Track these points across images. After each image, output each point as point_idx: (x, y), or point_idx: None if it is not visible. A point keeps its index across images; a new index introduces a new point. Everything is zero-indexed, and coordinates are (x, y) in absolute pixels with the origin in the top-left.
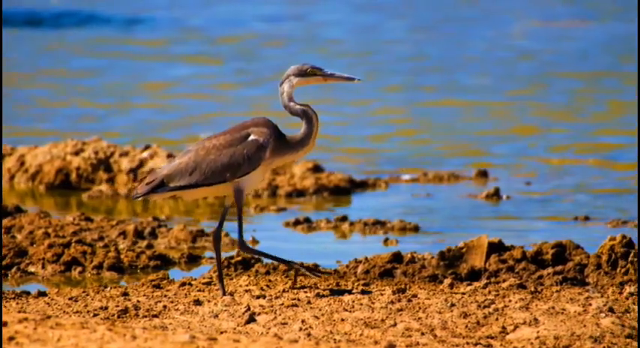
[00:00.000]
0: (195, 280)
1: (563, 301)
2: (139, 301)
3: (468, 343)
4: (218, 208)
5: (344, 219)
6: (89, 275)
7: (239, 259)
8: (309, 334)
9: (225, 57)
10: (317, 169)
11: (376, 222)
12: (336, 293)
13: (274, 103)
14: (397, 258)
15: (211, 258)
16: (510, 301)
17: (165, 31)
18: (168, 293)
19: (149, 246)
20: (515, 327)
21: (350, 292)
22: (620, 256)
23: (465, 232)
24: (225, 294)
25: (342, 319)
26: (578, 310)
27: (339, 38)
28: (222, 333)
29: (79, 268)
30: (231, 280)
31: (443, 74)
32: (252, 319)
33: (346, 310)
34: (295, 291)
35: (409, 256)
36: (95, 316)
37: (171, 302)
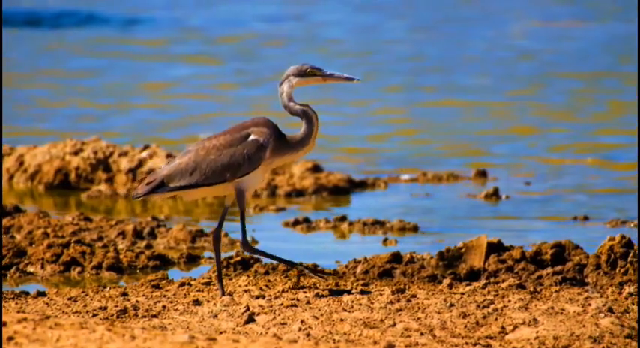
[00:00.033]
0: (194, 280)
1: (562, 301)
2: (138, 301)
3: (467, 343)
4: (217, 208)
5: (343, 219)
6: (88, 275)
7: (238, 259)
8: (309, 334)
9: (225, 57)
10: (316, 169)
11: (375, 222)
12: (336, 293)
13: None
14: (396, 258)
15: (210, 258)
16: (509, 301)
17: (164, 31)
18: (168, 293)
19: (148, 246)
20: (515, 327)
21: (349, 292)
22: (619, 256)
23: (464, 232)
24: (224, 294)
25: (342, 319)
26: (578, 310)
27: (338, 38)
28: (221, 333)
29: (79, 268)
30: (231, 280)
31: (442, 74)
32: (251, 319)
33: (345, 310)
34: (294, 291)
35: (408, 256)
36: (94, 316)
37: (171, 302)
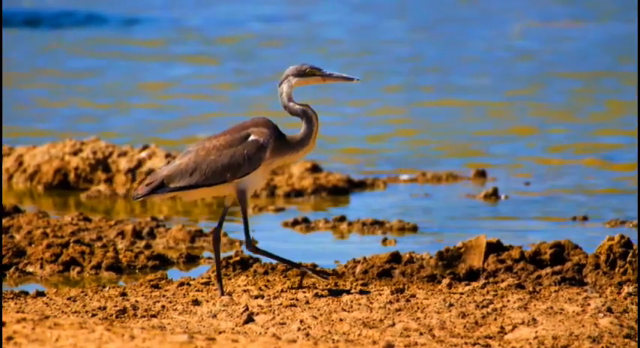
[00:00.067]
0: (193, 280)
1: (561, 301)
2: (137, 301)
3: (466, 343)
4: (216, 209)
5: (342, 219)
6: (87, 275)
7: (237, 259)
8: (308, 334)
9: (224, 57)
10: (315, 169)
11: (374, 222)
12: (335, 293)
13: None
14: (395, 258)
15: (209, 258)
16: (509, 301)
17: (163, 31)
18: (167, 293)
19: (147, 246)
20: (514, 327)
21: (348, 292)
22: (618, 256)
23: (464, 232)
24: (223, 294)
25: (341, 319)
26: (577, 310)
27: (337, 38)
28: (220, 333)
29: (78, 268)
30: (230, 280)
31: (442, 74)
32: (250, 319)
33: (345, 310)
34: (293, 291)
35: (407, 256)
36: (93, 316)
37: (170, 302)
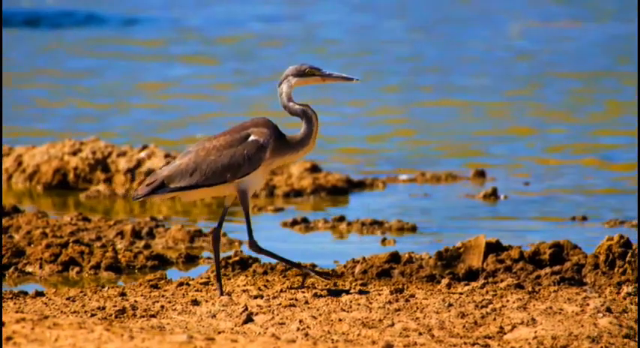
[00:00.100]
0: (192, 280)
1: (560, 301)
2: (136, 301)
3: (465, 343)
4: (216, 209)
5: (341, 219)
6: (87, 275)
7: (237, 259)
8: (307, 334)
9: (223, 57)
10: (314, 169)
11: (374, 222)
12: (334, 293)
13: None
14: (395, 258)
15: (209, 258)
16: (508, 301)
17: (163, 32)
18: (166, 293)
19: (147, 246)
20: (513, 327)
21: (347, 292)
22: (617, 256)
23: (463, 232)
24: (222, 294)
25: (340, 319)
26: (576, 310)
27: (336, 38)
28: (219, 333)
29: (77, 268)
30: (229, 280)
31: (441, 74)
32: (249, 319)
33: (344, 310)
34: (293, 291)
35: (407, 256)
36: (93, 316)
37: (169, 302)
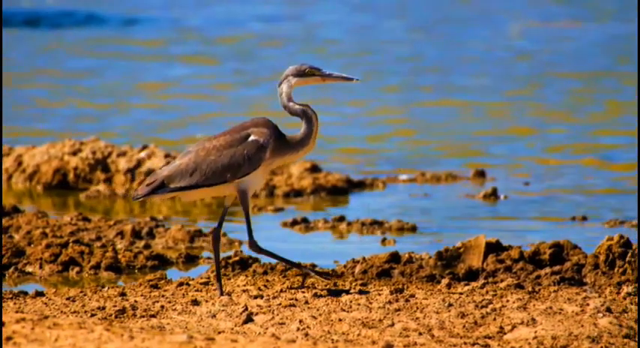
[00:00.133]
0: (192, 280)
1: (560, 301)
2: (136, 301)
3: (465, 343)
4: (216, 209)
5: (341, 219)
6: (87, 275)
7: (237, 259)
8: (307, 334)
9: (223, 57)
10: (314, 169)
11: (374, 222)
12: (334, 293)
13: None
14: (395, 258)
15: (209, 258)
16: (508, 301)
17: (163, 32)
18: (166, 293)
19: (147, 246)
20: (513, 327)
21: (347, 292)
22: (617, 256)
23: (463, 232)
24: (222, 294)
25: (340, 319)
26: (576, 310)
27: (336, 38)
28: (219, 333)
29: (77, 268)
30: (229, 280)
31: (441, 74)
32: (249, 319)
33: (344, 310)
34: (293, 291)
35: (407, 256)
36: (93, 316)
37: (169, 302)
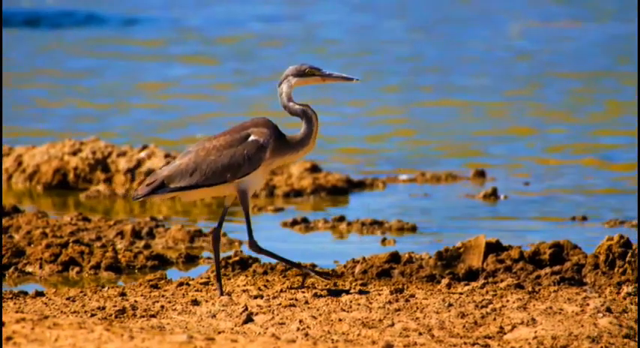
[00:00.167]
0: (192, 280)
1: (560, 301)
2: (136, 301)
3: (465, 343)
4: (216, 209)
5: (341, 219)
6: (87, 275)
7: (236, 259)
8: (307, 334)
9: (223, 57)
10: (314, 169)
11: (374, 222)
12: (334, 293)
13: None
14: (395, 258)
15: (209, 258)
16: (508, 301)
17: (162, 32)
18: (166, 293)
19: (147, 246)
20: (513, 327)
21: (347, 292)
22: (617, 256)
23: (463, 232)
24: (222, 294)
25: (340, 319)
26: (576, 310)
27: (336, 38)
28: (219, 333)
29: (77, 268)
30: (229, 280)
31: (441, 74)
32: (249, 319)
33: (344, 310)
34: (293, 291)
35: (407, 256)
36: (93, 316)
37: (169, 302)
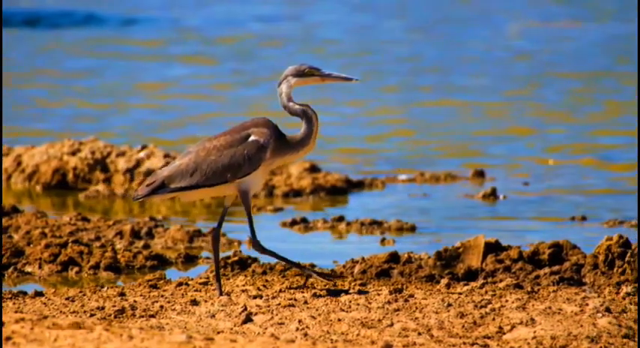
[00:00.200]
0: (192, 280)
1: (559, 301)
2: (135, 301)
3: (464, 343)
4: (215, 209)
5: (341, 219)
6: (86, 275)
7: (236, 259)
8: (306, 334)
9: (222, 57)
10: (314, 169)
11: (373, 222)
12: (333, 293)
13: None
14: (394, 258)
15: (208, 258)
16: (507, 301)
17: (162, 32)
18: (165, 293)
19: (146, 246)
20: (512, 327)
21: (347, 292)
22: (616, 256)
23: (462, 232)
24: (222, 294)
25: (339, 319)
26: (575, 310)
27: (336, 38)
28: (219, 333)
29: (76, 268)
30: (228, 280)
31: (440, 74)
32: (248, 319)
33: (343, 310)
34: (292, 291)
35: (406, 256)
36: (92, 316)
37: (168, 302)
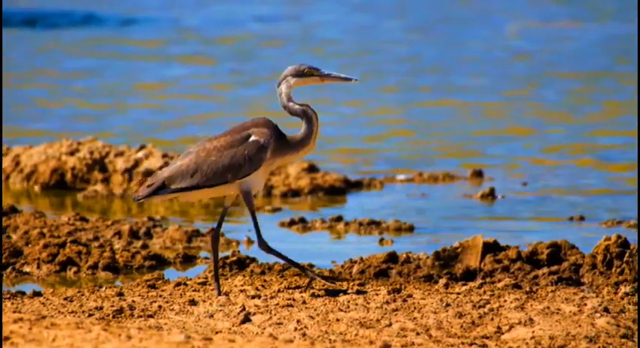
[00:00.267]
0: (190, 280)
1: (558, 301)
2: (134, 301)
3: (463, 343)
4: (213, 209)
5: (339, 219)
6: (84, 275)
7: (234, 259)
8: (305, 334)
9: (221, 57)
10: (312, 169)
11: (371, 222)
12: (332, 293)
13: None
14: (392, 258)
15: (206, 258)
16: (505, 301)
17: (161, 32)
18: (164, 293)
19: (144, 246)
20: (511, 327)
21: (345, 292)
22: (615, 256)
23: (460, 232)
24: (220, 294)
25: (338, 319)
26: (574, 310)
27: (335, 38)
28: (217, 333)
29: (74, 268)
30: (227, 280)
31: (439, 74)
32: (247, 319)
33: (341, 310)
34: (290, 291)
35: (404, 256)
36: (90, 316)
37: (167, 302)
